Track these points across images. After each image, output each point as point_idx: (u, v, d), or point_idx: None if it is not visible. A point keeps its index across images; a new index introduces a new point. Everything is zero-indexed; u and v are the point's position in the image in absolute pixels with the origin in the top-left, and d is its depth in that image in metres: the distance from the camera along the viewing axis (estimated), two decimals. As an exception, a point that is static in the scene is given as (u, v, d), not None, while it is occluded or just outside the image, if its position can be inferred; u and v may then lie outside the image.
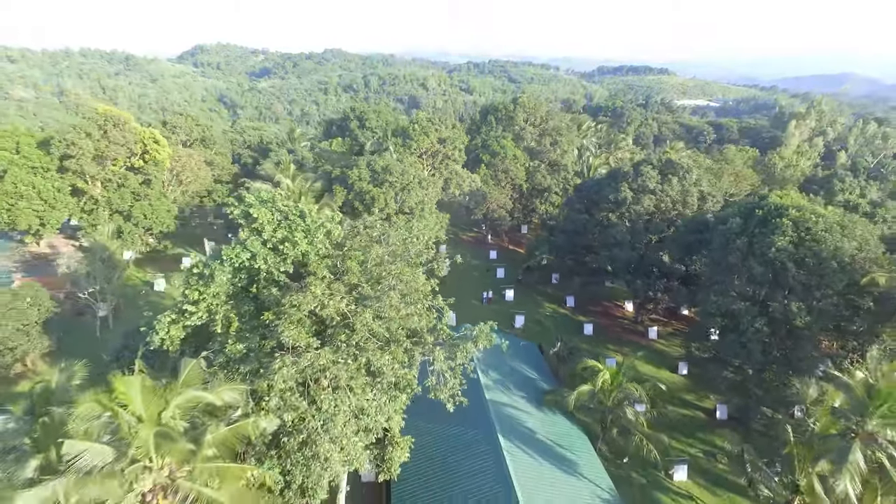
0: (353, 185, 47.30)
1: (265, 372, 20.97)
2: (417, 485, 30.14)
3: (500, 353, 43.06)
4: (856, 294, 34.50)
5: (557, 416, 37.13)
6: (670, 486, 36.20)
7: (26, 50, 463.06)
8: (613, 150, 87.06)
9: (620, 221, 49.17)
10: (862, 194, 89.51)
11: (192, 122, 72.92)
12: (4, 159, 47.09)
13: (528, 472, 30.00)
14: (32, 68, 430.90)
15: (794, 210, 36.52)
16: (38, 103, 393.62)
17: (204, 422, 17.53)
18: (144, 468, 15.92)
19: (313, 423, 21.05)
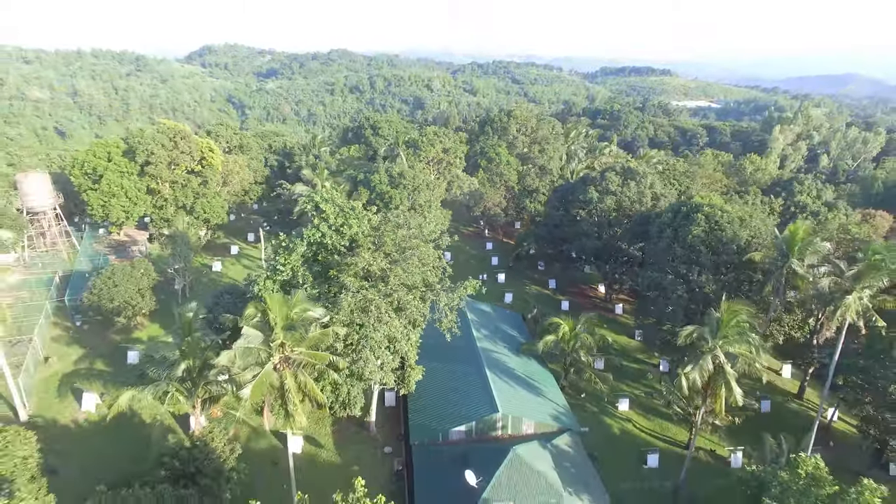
0: (374, 187, 60.18)
1: (332, 306, 34.00)
2: (426, 400, 43.00)
3: (490, 317, 56.84)
4: (749, 269, 47.32)
5: (531, 360, 50.05)
6: (615, 413, 48.98)
7: (40, 51, 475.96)
8: (597, 156, 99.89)
9: (589, 217, 62.01)
10: (818, 196, 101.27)
11: (231, 131, 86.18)
12: (101, 166, 60.14)
13: (505, 392, 42.88)
14: (47, 69, 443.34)
15: (707, 207, 49.34)
16: (54, 104, 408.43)
17: (307, 326, 30.45)
18: (278, 346, 28.73)
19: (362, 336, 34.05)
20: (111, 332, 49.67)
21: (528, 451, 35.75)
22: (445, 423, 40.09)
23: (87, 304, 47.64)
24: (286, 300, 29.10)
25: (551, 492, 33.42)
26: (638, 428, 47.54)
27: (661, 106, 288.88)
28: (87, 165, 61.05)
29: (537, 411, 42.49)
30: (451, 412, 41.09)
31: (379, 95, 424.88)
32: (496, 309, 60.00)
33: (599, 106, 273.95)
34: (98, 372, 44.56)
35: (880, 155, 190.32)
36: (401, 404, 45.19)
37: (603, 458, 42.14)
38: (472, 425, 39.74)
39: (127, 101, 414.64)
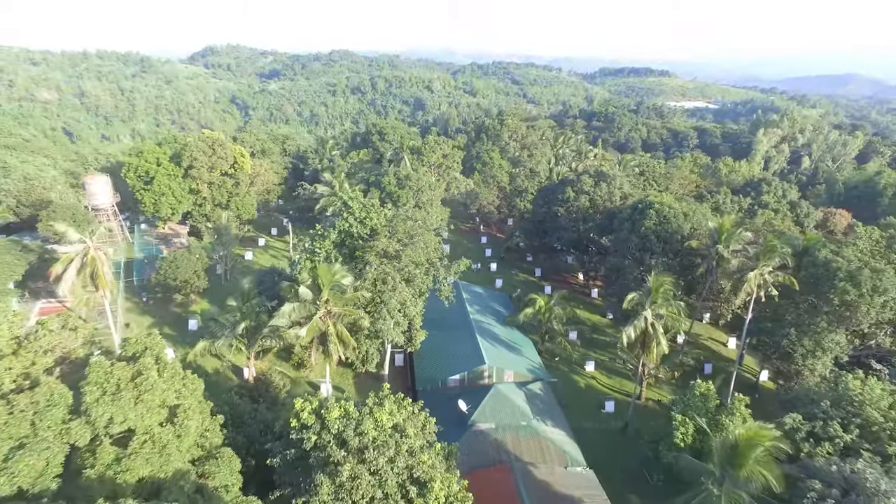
0: (384, 188, 71.85)
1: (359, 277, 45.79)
2: (429, 357, 54.63)
3: (482, 297, 68.71)
4: (690, 254, 59.07)
5: (514, 330, 61.81)
6: (582, 372, 60.72)
7: (47, 52, 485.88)
8: (583, 159, 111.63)
9: (567, 213, 73.75)
10: (783, 195, 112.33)
11: (255, 137, 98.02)
12: (152, 170, 71.89)
13: (491, 350, 54.59)
14: (54, 70, 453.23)
15: (658, 204, 61.12)
16: (62, 104, 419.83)
17: (343, 290, 42.24)
18: (324, 302, 40.42)
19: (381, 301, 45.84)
20: (171, 305, 61.54)
21: (506, 388, 47.57)
22: (444, 373, 51.81)
23: (153, 282, 59.49)
24: (330, 268, 40.95)
25: (523, 417, 45.17)
26: (600, 384, 59.35)
27: (655, 108, 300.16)
28: (140, 169, 72.88)
29: (517, 365, 54.27)
30: (449, 365, 52.82)
31: (380, 96, 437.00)
32: (487, 290, 71.87)
33: (595, 108, 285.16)
34: (167, 335, 56.22)
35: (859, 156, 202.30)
36: (407, 363, 56.95)
37: (569, 405, 53.88)
38: (464, 374, 51.49)
39: (133, 102, 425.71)
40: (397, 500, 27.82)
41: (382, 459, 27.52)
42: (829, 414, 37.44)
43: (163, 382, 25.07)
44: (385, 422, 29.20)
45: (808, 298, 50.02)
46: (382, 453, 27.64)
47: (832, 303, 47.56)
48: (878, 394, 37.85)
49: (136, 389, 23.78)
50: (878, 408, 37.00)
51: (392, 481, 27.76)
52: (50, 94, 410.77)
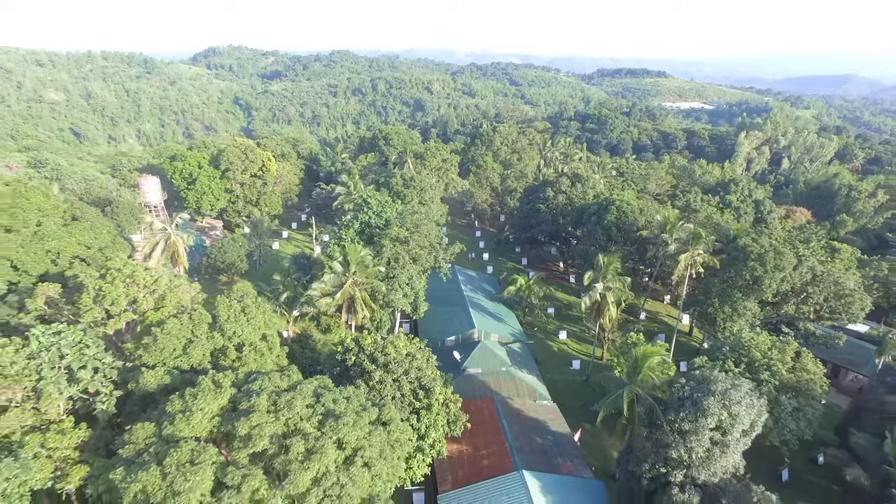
0: (392, 187, 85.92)
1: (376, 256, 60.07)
2: (430, 324, 68.84)
3: (475, 279, 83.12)
4: (643, 243, 73.32)
5: (500, 304, 76.06)
6: (556, 340, 74.92)
7: (52, 53, 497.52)
8: (569, 161, 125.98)
9: (547, 209, 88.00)
10: (749, 194, 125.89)
11: (276, 142, 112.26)
12: (195, 172, 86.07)
13: (480, 319, 68.80)
14: (60, 71, 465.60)
15: (618, 201, 75.42)
16: (69, 105, 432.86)
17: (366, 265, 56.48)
18: (352, 273, 54.49)
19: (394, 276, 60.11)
20: (217, 285, 75.73)
21: (491, 344, 61.88)
22: (442, 335, 66.01)
23: (204, 265, 73.70)
24: (356, 248, 55.19)
25: (503, 364, 59.41)
26: (570, 349, 73.66)
27: (647, 111, 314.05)
28: (185, 171, 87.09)
29: (501, 329, 68.59)
30: (446, 329, 67.06)
31: (381, 98, 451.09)
32: (480, 274, 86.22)
33: (589, 111, 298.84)
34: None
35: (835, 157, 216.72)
36: (413, 329, 71.23)
37: (543, 362, 68.17)
38: (458, 336, 65.72)
39: (138, 103, 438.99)
40: (411, 399, 42.03)
41: (400, 371, 41.75)
42: (727, 355, 51.71)
43: (259, 315, 39.29)
44: (401, 348, 43.42)
45: (729, 275, 64.34)
46: (400, 366, 41.87)
47: (745, 278, 61.88)
48: (763, 341, 52.11)
49: (244, 316, 37.92)
50: (760, 351, 51.26)
51: (406, 387, 41.97)
52: (57, 95, 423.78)
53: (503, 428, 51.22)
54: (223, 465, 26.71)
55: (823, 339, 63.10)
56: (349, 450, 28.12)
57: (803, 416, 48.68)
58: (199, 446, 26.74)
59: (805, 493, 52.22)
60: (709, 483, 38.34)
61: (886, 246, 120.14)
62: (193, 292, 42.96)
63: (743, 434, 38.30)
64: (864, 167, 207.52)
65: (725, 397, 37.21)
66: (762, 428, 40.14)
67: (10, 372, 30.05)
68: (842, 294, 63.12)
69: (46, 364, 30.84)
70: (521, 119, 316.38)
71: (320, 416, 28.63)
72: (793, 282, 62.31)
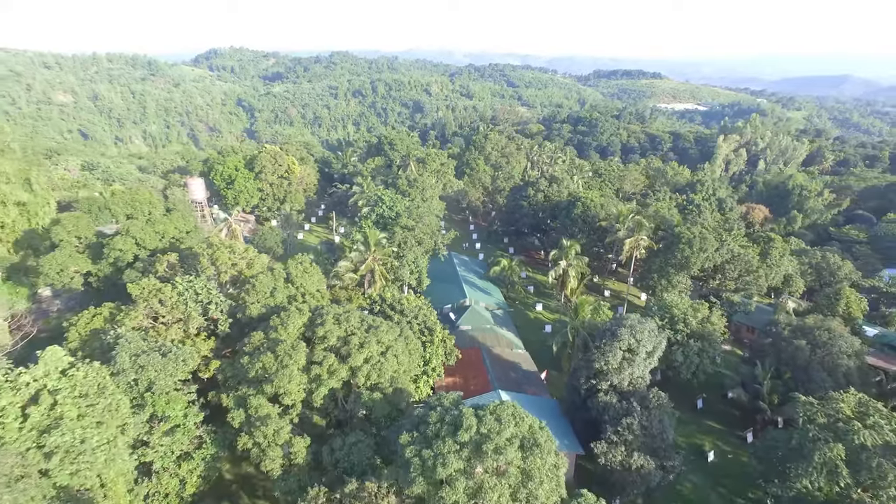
0: (399, 187, 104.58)
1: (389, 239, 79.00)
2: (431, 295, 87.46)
3: (468, 263, 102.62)
4: (604, 231, 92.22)
5: (488, 282, 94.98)
6: (533, 311, 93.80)
7: (59, 55, 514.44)
8: (552, 164, 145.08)
9: (528, 206, 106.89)
10: (713, 193, 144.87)
11: (296, 147, 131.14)
12: (233, 175, 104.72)
13: (471, 291, 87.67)
14: (67, 74, 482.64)
15: (583, 198, 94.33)
16: (77, 107, 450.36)
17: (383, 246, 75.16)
18: (372, 252, 73.16)
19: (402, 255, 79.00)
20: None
21: (479, 308, 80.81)
22: (440, 304, 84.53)
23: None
24: (375, 233, 73.96)
25: (489, 323, 78.20)
26: (544, 317, 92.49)
27: (637, 114, 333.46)
28: (224, 174, 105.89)
29: (487, 300, 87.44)
30: (443, 299, 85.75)
31: (380, 99, 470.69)
32: (472, 259, 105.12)
33: (581, 114, 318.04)
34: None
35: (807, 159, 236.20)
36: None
37: (521, 327, 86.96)
38: (453, 304, 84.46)
39: (144, 105, 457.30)
40: (419, 335, 60.75)
41: (411, 315, 60.49)
42: (655, 312, 70.54)
43: (314, 274, 58.09)
44: (412, 301, 62.20)
45: (666, 256, 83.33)
46: (412, 312, 60.62)
47: (677, 257, 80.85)
48: (682, 303, 70.97)
49: (306, 273, 56.69)
50: (679, 309, 70.09)
51: (416, 326, 60.68)
52: (65, 97, 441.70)
53: (486, 367, 70.04)
54: (309, 353, 45.48)
55: (740, 306, 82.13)
56: (384, 346, 46.72)
57: (706, 355, 67.53)
58: (295, 342, 45.49)
59: (714, 417, 71.22)
60: (624, 389, 57.03)
61: (831, 239, 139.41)
62: (267, 259, 61.69)
63: (647, 355, 56.97)
64: (833, 168, 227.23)
65: (633, 329, 56.01)
66: (678, 365, 59.29)
67: (169, 304, 48.76)
68: (750, 270, 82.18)
69: (190, 299, 49.56)
70: (516, 121, 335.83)
71: (366, 328, 47.36)
72: (714, 260, 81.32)
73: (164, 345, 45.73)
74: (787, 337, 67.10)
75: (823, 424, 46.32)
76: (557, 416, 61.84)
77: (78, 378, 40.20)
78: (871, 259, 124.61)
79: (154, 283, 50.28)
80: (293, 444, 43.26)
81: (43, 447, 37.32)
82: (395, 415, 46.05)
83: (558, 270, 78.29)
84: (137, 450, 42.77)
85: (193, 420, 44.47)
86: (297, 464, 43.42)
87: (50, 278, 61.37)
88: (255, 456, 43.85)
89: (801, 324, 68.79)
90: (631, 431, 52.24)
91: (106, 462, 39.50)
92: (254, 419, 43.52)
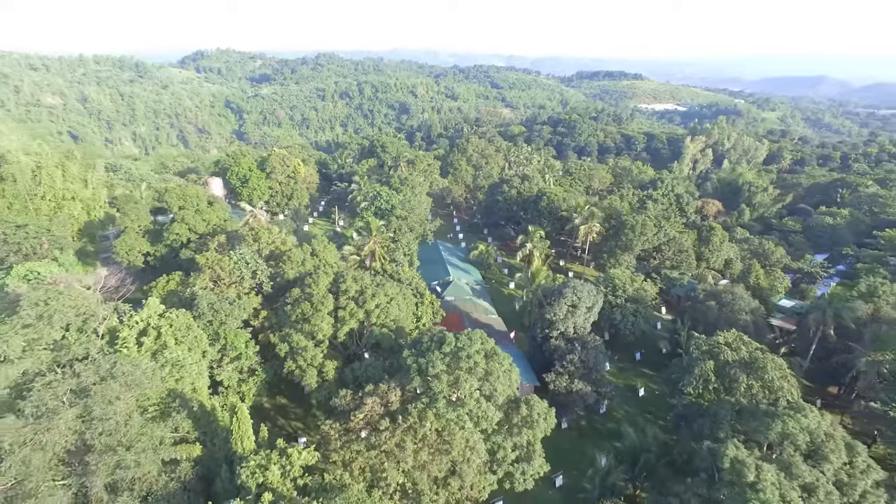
0: (392, 185, 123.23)
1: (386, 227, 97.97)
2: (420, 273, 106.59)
3: (452, 249, 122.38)
4: (566, 221, 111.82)
5: (468, 264, 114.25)
6: (507, 288, 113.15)
7: (45, 57, 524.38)
8: (527, 164, 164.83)
9: (504, 201, 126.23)
10: (672, 189, 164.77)
11: (299, 150, 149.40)
12: (247, 174, 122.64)
13: (454, 271, 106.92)
14: (54, 76, 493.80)
15: (548, 193, 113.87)
16: (66, 109, 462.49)
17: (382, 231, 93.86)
18: (373, 236, 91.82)
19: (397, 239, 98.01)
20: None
21: (460, 282, 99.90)
22: (429, 281, 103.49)
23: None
24: (375, 221, 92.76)
25: (468, 294, 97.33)
26: (515, 293, 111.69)
27: (614, 115, 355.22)
28: (239, 174, 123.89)
29: (468, 277, 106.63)
30: (430, 277, 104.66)
31: (367, 101, 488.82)
32: (456, 246, 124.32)
33: (561, 116, 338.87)
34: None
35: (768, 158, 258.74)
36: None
37: (496, 300, 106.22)
38: (439, 281, 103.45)
39: (132, 107, 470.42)
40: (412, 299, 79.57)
41: (406, 282, 79.34)
42: (601, 283, 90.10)
43: (331, 249, 76.82)
44: (407, 273, 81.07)
45: (615, 240, 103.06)
46: (407, 279, 79.47)
47: (622, 240, 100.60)
48: (624, 274, 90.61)
49: (326, 249, 75.34)
50: (620, 280, 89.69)
51: (409, 291, 79.50)
52: (54, 100, 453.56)
53: (466, 327, 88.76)
54: (335, 302, 64.19)
55: (675, 280, 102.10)
56: (389, 297, 65.53)
57: (640, 315, 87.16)
58: (324, 294, 64.16)
59: (648, 366, 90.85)
60: (570, 336, 76.33)
61: (772, 229, 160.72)
62: (293, 241, 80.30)
63: (587, 309, 76.33)
64: (790, 167, 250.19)
65: (575, 289, 75.40)
66: (618, 323, 78.94)
67: (227, 270, 67.19)
68: (682, 250, 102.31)
69: (242, 267, 68.03)
70: (499, 123, 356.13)
71: (376, 284, 66.21)
72: (653, 242, 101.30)
73: (227, 297, 64.18)
74: (702, 300, 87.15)
75: (704, 350, 66.00)
76: (522, 360, 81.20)
77: (173, 318, 58.58)
78: (804, 246, 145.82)
79: (214, 255, 68.71)
80: (325, 366, 62.01)
81: (158, 361, 55.55)
82: (397, 347, 64.92)
83: (525, 251, 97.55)
84: (213, 370, 61.21)
85: (252, 350, 63.00)
86: (328, 380, 62.12)
87: (121, 257, 79.41)
88: (297, 375, 62.50)
89: (713, 289, 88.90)
90: (573, 364, 71.46)
91: (196, 374, 57.85)
92: (296, 349, 62.19)
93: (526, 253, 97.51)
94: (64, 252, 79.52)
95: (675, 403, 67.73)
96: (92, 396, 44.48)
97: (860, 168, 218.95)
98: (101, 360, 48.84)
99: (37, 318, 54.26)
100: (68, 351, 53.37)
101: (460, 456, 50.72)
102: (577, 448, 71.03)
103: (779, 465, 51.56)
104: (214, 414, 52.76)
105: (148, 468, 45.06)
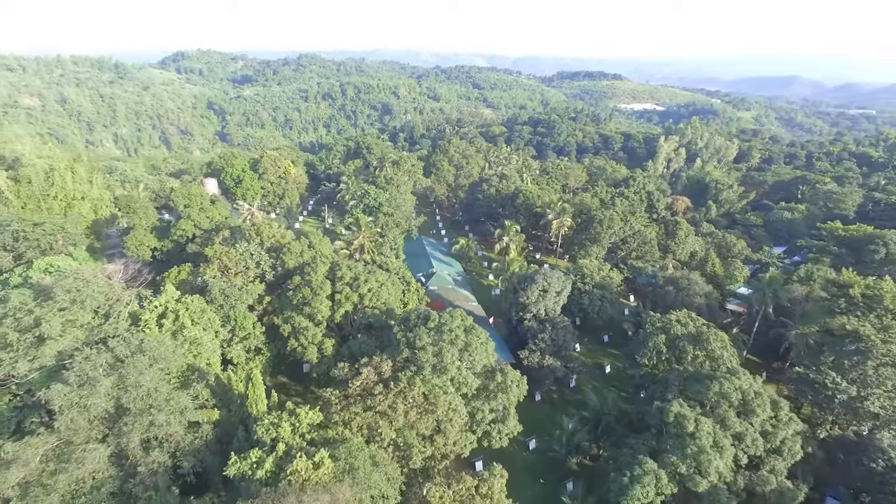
0: (378, 184, 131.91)
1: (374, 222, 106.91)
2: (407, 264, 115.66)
3: (436, 245, 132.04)
4: (540, 216, 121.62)
5: (451, 257, 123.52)
6: (485, 279, 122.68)
7: (21, 58, 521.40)
8: (505, 163, 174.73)
9: (484, 199, 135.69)
10: (643, 187, 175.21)
11: (288, 152, 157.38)
12: (240, 175, 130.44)
13: (438, 264, 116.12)
14: (32, 77, 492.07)
15: (524, 191, 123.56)
16: (45, 110, 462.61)
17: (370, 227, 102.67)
18: (362, 231, 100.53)
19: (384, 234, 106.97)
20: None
21: (443, 274, 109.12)
22: (413, 272, 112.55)
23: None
24: (364, 218, 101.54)
25: (451, 284, 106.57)
26: (493, 284, 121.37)
27: (592, 116, 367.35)
28: (233, 174, 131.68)
29: (450, 269, 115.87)
30: (416, 269, 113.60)
31: (350, 102, 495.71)
32: (439, 242, 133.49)
33: (540, 117, 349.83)
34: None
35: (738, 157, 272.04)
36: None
37: (476, 290, 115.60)
38: (423, 272, 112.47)
39: (113, 108, 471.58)
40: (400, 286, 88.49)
41: (394, 271, 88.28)
42: (572, 271, 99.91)
43: (326, 242, 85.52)
44: (395, 263, 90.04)
45: (585, 233, 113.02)
46: (394, 268, 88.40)
47: (591, 233, 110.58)
48: (591, 263, 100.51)
49: (321, 242, 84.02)
50: (588, 269, 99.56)
51: (396, 279, 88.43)
52: (32, 101, 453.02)
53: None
54: (332, 287, 72.93)
55: (640, 269, 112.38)
56: (380, 283, 74.46)
57: (606, 300, 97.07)
58: (322, 280, 72.86)
59: (615, 346, 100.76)
60: (541, 318, 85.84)
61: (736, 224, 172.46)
62: (291, 235, 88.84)
63: (557, 294, 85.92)
64: (758, 165, 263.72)
65: (546, 275, 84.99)
66: (586, 307, 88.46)
67: (235, 260, 75.57)
68: (647, 242, 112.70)
69: (248, 257, 76.43)
70: (480, 123, 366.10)
71: (368, 271, 75.08)
72: (619, 235, 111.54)
73: (235, 284, 72.61)
74: (661, 285, 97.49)
75: (658, 326, 76.02)
76: (499, 341, 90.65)
77: (188, 303, 66.83)
78: (765, 239, 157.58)
79: (221, 248, 77.04)
80: (324, 343, 70.78)
81: (177, 340, 63.74)
82: (387, 327, 73.84)
83: (502, 244, 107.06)
84: (224, 349, 69.59)
85: (259, 331, 71.51)
86: (326, 355, 70.86)
87: (130, 251, 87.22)
88: (299, 352, 71.14)
89: (672, 276, 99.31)
90: (544, 342, 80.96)
91: (211, 351, 66.19)
92: (298, 329, 70.84)
93: (503, 245, 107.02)
94: (77, 248, 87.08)
95: (634, 374, 77.72)
96: (125, 367, 52.72)
97: (822, 166, 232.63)
98: (130, 337, 57.09)
99: (71, 302, 62.16)
100: (100, 330, 61.43)
101: (444, 416, 59.78)
102: (548, 418, 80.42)
103: (715, 419, 62.02)
104: (230, 384, 61.23)
105: (176, 428, 53.43)
